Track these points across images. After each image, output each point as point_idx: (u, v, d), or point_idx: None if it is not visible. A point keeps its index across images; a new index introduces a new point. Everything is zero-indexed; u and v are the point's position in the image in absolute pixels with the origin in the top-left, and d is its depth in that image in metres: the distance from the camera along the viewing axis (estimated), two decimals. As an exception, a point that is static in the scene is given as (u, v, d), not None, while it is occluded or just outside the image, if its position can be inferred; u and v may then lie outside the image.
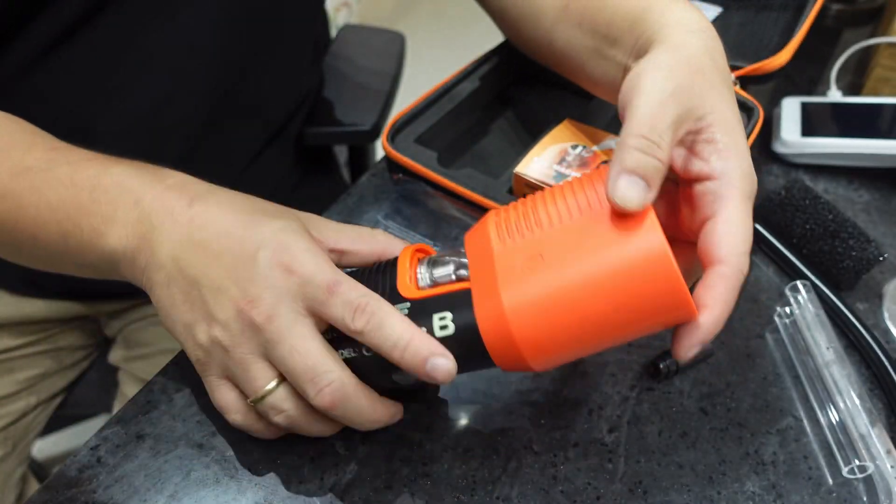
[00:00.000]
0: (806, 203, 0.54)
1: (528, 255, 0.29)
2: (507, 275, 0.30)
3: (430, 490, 0.39)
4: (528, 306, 0.29)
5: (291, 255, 0.33)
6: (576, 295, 0.28)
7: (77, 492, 0.39)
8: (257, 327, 0.33)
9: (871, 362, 0.46)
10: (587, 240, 0.28)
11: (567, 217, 0.30)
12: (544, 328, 0.29)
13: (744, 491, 0.40)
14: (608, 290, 0.28)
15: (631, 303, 0.28)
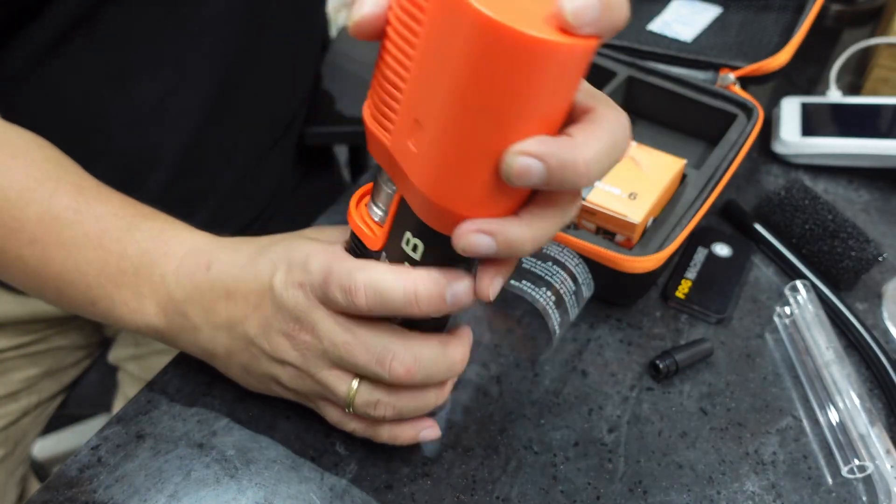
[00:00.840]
0: (805, 203, 0.54)
1: (409, 129, 0.27)
2: (410, 165, 0.27)
3: (430, 490, 0.39)
4: (444, 178, 0.26)
5: (296, 272, 0.34)
6: (466, 131, 0.25)
7: (77, 491, 0.39)
8: (308, 343, 0.34)
9: (870, 362, 0.46)
10: (432, 76, 0.25)
11: (405, 61, 0.26)
12: (468, 183, 0.26)
13: (743, 491, 0.40)
14: (482, 100, 0.24)
15: (504, 85, 0.23)
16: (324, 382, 0.35)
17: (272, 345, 0.35)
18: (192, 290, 0.37)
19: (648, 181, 0.47)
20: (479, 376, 0.45)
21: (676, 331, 0.49)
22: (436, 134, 0.26)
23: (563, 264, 0.44)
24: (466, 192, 0.27)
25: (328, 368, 0.35)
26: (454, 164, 0.26)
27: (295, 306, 0.34)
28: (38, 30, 0.47)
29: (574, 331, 0.48)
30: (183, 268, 0.38)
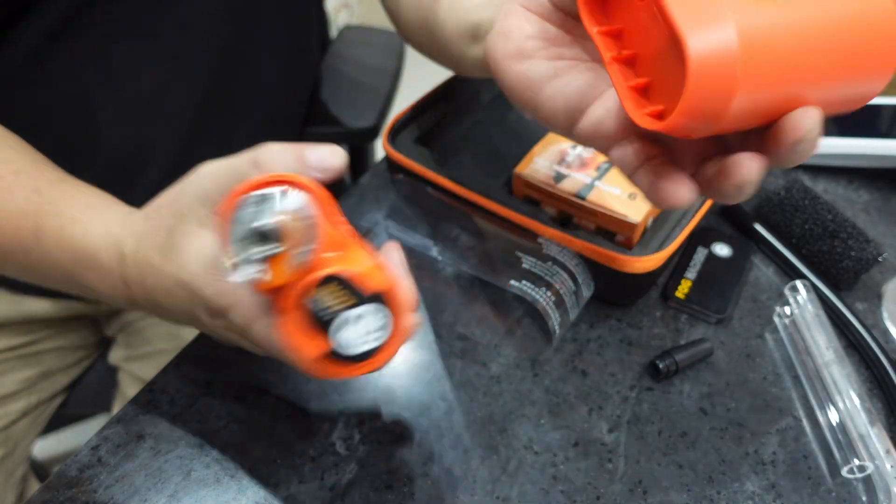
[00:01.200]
0: (805, 203, 0.54)
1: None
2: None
3: (430, 490, 0.39)
4: (759, 34, 0.23)
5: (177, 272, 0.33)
6: (804, 37, 0.23)
7: (77, 491, 0.39)
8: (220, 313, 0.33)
9: (870, 362, 0.46)
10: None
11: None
12: (767, 64, 0.23)
13: (743, 491, 0.40)
14: (836, 37, 0.23)
15: (856, 51, 0.24)
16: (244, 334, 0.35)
17: (188, 314, 0.35)
18: (125, 301, 0.37)
19: (648, 181, 0.47)
20: (479, 376, 0.45)
21: (676, 331, 0.49)
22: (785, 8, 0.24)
23: (563, 264, 0.44)
24: (754, 94, 0.24)
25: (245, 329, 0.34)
26: (776, 57, 0.23)
27: (182, 301, 0.34)
28: (30, 28, 0.47)
29: (574, 331, 0.48)
30: (102, 285, 0.37)
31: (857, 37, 0.24)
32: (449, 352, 0.47)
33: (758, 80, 0.22)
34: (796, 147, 0.25)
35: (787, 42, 0.23)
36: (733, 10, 0.22)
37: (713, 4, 0.22)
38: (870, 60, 0.24)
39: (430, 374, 0.46)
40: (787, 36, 0.23)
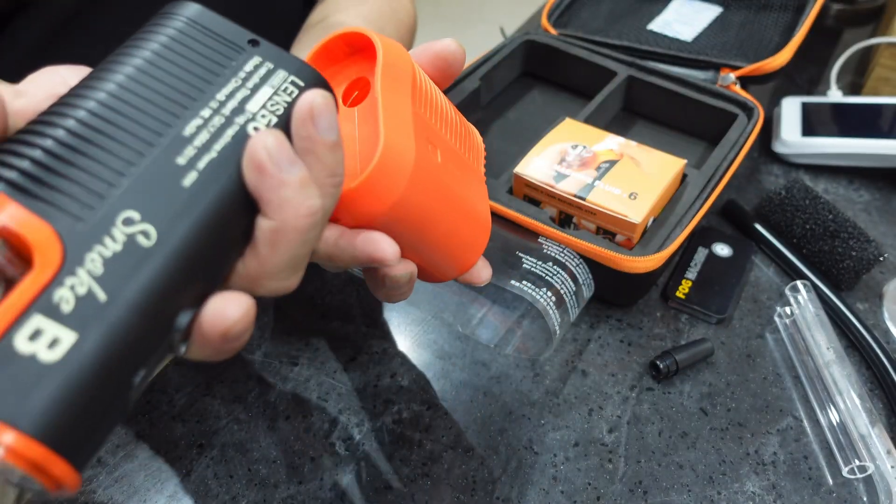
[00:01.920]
0: (806, 203, 0.54)
1: (431, 139, 0.29)
2: (419, 137, 0.29)
3: (430, 490, 0.39)
4: (424, 175, 0.28)
5: None
6: (442, 200, 0.29)
7: (77, 492, 0.39)
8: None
9: (871, 362, 0.46)
10: (464, 175, 0.31)
11: (456, 136, 0.31)
12: (419, 202, 0.28)
13: (744, 491, 0.40)
14: (452, 217, 0.30)
15: (450, 240, 0.30)
16: None
17: None
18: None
19: (649, 181, 0.47)
20: (479, 376, 0.45)
21: (677, 331, 0.48)
22: (445, 175, 0.30)
23: (564, 264, 0.44)
24: (401, 222, 0.28)
25: None
26: (426, 200, 0.29)
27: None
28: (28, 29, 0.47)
29: (574, 331, 0.48)
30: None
31: (471, 220, 0.31)
32: (449, 352, 0.47)
33: (411, 202, 0.27)
34: (388, 279, 0.29)
35: (437, 194, 0.28)
36: (422, 147, 0.28)
37: (408, 131, 0.27)
38: (466, 247, 0.31)
39: (430, 374, 0.45)
40: (439, 189, 0.28)
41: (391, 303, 0.33)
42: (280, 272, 0.24)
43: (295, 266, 0.24)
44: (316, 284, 0.51)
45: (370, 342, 0.47)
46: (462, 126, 0.32)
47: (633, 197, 0.46)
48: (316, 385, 0.45)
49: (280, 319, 0.48)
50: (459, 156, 0.31)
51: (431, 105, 0.30)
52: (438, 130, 0.30)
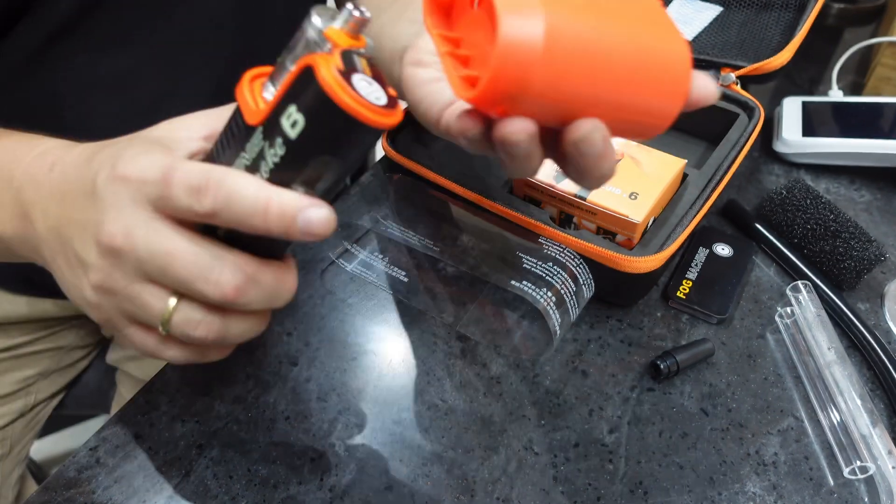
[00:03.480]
0: (807, 203, 0.54)
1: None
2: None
3: (430, 490, 0.39)
4: (564, 37, 0.26)
5: (123, 164, 0.29)
6: (604, 51, 0.27)
7: (76, 492, 0.39)
8: (119, 250, 0.29)
9: (872, 363, 0.46)
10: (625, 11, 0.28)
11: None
12: (565, 71, 0.26)
13: (745, 492, 0.40)
14: (629, 61, 0.28)
15: (645, 81, 0.28)
16: (134, 297, 0.30)
17: (82, 249, 0.31)
18: (35, 193, 0.34)
19: (649, 181, 0.47)
20: (479, 376, 0.45)
21: (677, 331, 0.48)
22: (592, 22, 0.27)
23: (564, 264, 0.44)
24: (542, 98, 0.27)
25: (141, 281, 0.30)
26: (577, 64, 0.27)
27: (112, 203, 0.29)
28: (30, 32, 0.47)
29: (574, 331, 0.48)
30: (30, 170, 0.35)
31: (651, 68, 0.27)
32: (449, 352, 0.47)
33: (557, 70, 0.26)
34: (577, 147, 0.27)
35: (589, 49, 0.26)
36: (548, 9, 0.25)
37: (532, 3, 0.26)
38: (657, 93, 0.28)
39: (430, 375, 0.45)
40: (591, 44, 0.26)
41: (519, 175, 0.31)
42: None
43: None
44: (316, 285, 0.51)
45: (370, 342, 0.47)
46: None
47: (633, 197, 0.46)
48: (316, 385, 0.44)
49: (280, 320, 0.48)
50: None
51: None
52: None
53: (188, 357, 0.33)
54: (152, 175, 0.28)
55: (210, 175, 0.28)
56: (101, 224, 0.29)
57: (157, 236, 0.29)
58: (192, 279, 0.29)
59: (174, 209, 0.29)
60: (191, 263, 0.29)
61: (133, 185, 0.29)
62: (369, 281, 0.51)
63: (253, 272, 0.30)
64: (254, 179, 0.28)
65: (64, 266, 0.33)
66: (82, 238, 0.31)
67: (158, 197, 0.29)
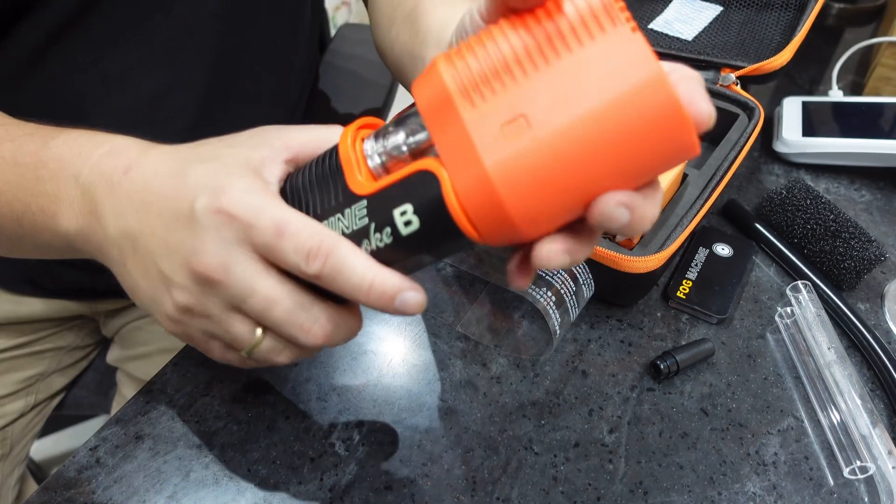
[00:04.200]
0: (807, 203, 0.54)
1: (506, 117, 0.25)
2: (487, 143, 0.25)
3: (430, 490, 0.39)
4: (518, 170, 0.25)
5: (228, 198, 0.30)
6: (569, 150, 0.25)
7: (76, 492, 0.39)
8: (217, 283, 0.30)
9: (872, 363, 0.46)
10: (574, 84, 0.25)
11: (539, 61, 0.25)
12: (537, 191, 0.25)
13: (745, 492, 0.40)
14: (604, 137, 0.25)
15: (632, 143, 0.25)
16: (223, 324, 0.32)
17: (171, 269, 0.31)
18: (107, 193, 0.34)
19: (649, 181, 0.47)
20: (479, 376, 0.45)
21: (677, 331, 0.48)
22: (544, 142, 0.25)
23: (564, 264, 0.44)
24: (532, 200, 0.26)
25: (229, 311, 0.32)
26: (543, 175, 0.25)
27: (213, 238, 0.30)
28: (30, 30, 0.47)
29: (574, 331, 0.48)
30: (100, 167, 0.34)
31: (627, 125, 0.24)
32: (449, 352, 0.47)
33: (534, 194, 0.25)
34: (604, 225, 0.26)
35: (554, 160, 0.25)
36: (487, 151, 0.25)
37: (471, 150, 0.26)
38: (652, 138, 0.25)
39: (430, 375, 0.45)
40: (552, 155, 0.25)
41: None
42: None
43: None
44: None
45: (370, 342, 0.47)
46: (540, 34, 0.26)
47: (633, 197, 0.46)
48: (316, 385, 0.44)
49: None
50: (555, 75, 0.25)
51: (486, 79, 0.26)
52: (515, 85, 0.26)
53: (257, 365, 0.35)
54: (263, 224, 0.29)
55: (322, 242, 0.29)
56: (200, 254, 0.30)
57: (259, 281, 0.30)
58: (288, 326, 0.31)
59: (278, 261, 0.30)
60: (288, 311, 0.31)
61: (240, 227, 0.30)
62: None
63: (339, 322, 0.32)
64: (362, 256, 0.29)
65: (139, 275, 0.33)
66: (171, 258, 0.31)
67: (266, 246, 0.30)
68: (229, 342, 0.33)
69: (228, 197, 0.30)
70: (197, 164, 0.32)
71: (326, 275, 0.29)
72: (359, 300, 0.30)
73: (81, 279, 0.63)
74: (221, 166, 0.32)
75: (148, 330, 0.68)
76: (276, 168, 0.33)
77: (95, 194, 0.34)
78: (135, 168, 0.34)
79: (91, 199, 0.34)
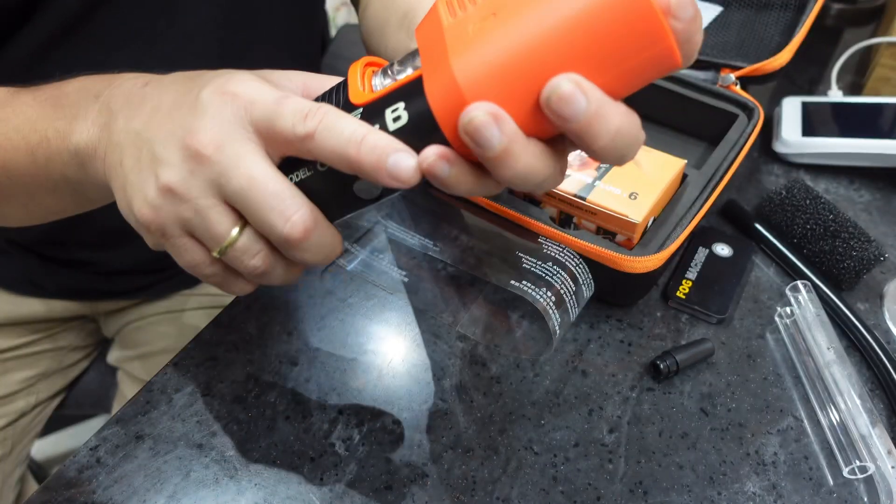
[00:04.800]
0: (807, 203, 0.54)
1: (479, 17, 0.26)
2: (456, 43, 0.26)
3: (430, 490, 0.39)
4: (483, 67, 0.25)
5: (235, 83, 0.31)
6: (535, 48, 0.25)
7: (76, 492, 0.39)
8: (205, 158, 0.30)
9: (871, 362, 0.46)
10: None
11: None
12: (503, 88, 0.26)
13: (744, 491, 0.40)
14: (571, 36, 0.24)
15: (600, 47, 0.24)
16: (201, 210, 0.31)
17: (164, 149, 0.31)
18: (124, 102, 0.34)
19: (649, 181, 0.47)
20: (479, 376, 0.45)
21: (677, 331, 0.48)
22: (506, 31, 0.25)
23: (564, 264, 0.44)
24: (497, 94, 0.26)
25: (213, 197, 0.31)
26: (506, 65, 0.25)
27: (212, 114, 0.30)
28: (32, 33, 0.47)
29: (574, 331, 0.48)
30: (121, 85, 0.35)
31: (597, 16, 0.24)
32: (449, 352, 0.47)
33: (494, 83, 0.25)
34: (554, 109, 0.25)
35: (514, 44, 0.25)
36: (453, 48, 0.26)
37: (443, 50, 0.26)
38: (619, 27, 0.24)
39: (430, 375, 0.45)
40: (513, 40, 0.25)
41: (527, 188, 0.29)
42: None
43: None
44: (316, 285, 0.51)
45: (370, 342, 0.47)
46: None
47: (633, 197, 0.46)
48: (316, 385, 0.45)
49: (280, 320, 0.48)
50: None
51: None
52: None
53: (221, 281, 0.34)
54: (265, 97, 0.30)
55: (319, 107, 0.29)
56: (195, 130, 0.30)
57: (248, 157, 0.30)
58: (268, 209, 0.30)
59: (274, 132, 0.30)
60: (271, 193, 0.29)
61: (240, 103, 0.30)
62: (369, 281, 0.51)
63: (321, 221, 0.31)
64: (355, 118, 0.29)
65: (131, 167, 0.32)
66: (167, 139, 0.31)
67: (264, 118, 0.30)
68: (204, 236, 0.32)
69: (235, 82, 0.31)
70: (209, 72, 0.33)
71: (320, 131, 0.29)
72: (350, 155, 0.28)
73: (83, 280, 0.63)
74: (234, 72, 0.32)
75: (148, 330, 0.68)
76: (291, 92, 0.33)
77: (113, 106, 0.35)
78: (154, 81, 0.35)
79: (107, 111, 0.35)
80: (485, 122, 0.25)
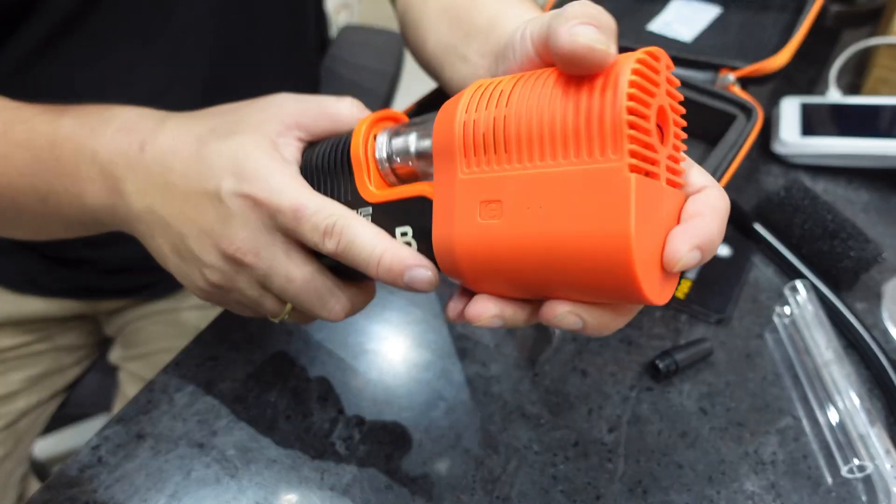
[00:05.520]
0: (805, 203, 0.54)
1: (488, 194, 0.27)
2: (463, 212, 0.28)
3: (430, 490, 0.40)
4: (477, 251, 0.27)
5: (251, 184, 0.32)
6: (525, 257, 0.26)
7: (78, 491, 0.39)
8: (246, 264, 0.33)
9: (869, 362, 0.46)
10: (551, 199, 0.25)
11: (536, 153, 0.26)
12: (490, 273, 0.28)
13: (743, 490, 0.40)
14: (559, 262, 0.26)
15: (581, 279, 0.25)
16: (253, 300, 0.35)
17: (201, 250, 0.34)
18: (126, 170, 0.35)
19: (648, 181, 0.48)
20: (479, 376, 0.45)
21: (676, 331, 0.49)
22: (505, 239, 0.27)
23: (563, 264, 0.44)
24: (484, 275, 0.28)
25: (259, 289, 0.34)
26: (497, 261, 0.27)
27: (242, 223, 0.32)
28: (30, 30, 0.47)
29: (574, 331, 0.48)
30: (115, 144, 0.36)
31: (584, 266, 0.25)
32: (449, 351, 0.47)
33: (487, 270, 0.28)
34: (558, 326, 0.28)
35: (509, 255, 0.27)
36: (460, 220, 0.28)
37: (451, 211, 0.28)
38: (600, 280, 0.25)
39: (430, 374, 0.46)
40: (507, 251, 0.27)
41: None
42: None
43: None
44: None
45: (371, 342, 0.48)
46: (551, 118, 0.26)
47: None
48: (316, 385, 0.45)
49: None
50: (543, 178, 0.26)
51: (488, 147, 0.27)
52: (506, 168, 0.27)
53: (298, 319, 0.38)
54: (285, 209, 0.32)
55: (336, 221, 0.32)
56: (228, 238, 0.33)
57: (286, 264, 0.33)
58: (310, 305, 0.34)
59: (300, 240, 0.33)
60: (312, 293, 0.34)
61: (265, 213, 0.32)
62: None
63: (357, 301, 0.35)
64: (372, 231, 0.31)
65: (168, 249, 0.35)
66: (200, 239, 0.34)
67: (287, 228, 0.32)
68: (260, 313, 0.36)
69: (252, 182, 0.32)
70: (215, 142, 0.34)
71: (341, 251, 0.31)
72: (370, 273, 0.31)
73: (83, 279, 0.63)
74: (239, 146, 0.33)
75: (149, 329, 0.68)
76: (290, 144, 0.35)
77: (115, 172, 0.35)
78: (150, 144, 0.35)
79: (111, 177, 0.36)
80: (488, 323, 0.29)
